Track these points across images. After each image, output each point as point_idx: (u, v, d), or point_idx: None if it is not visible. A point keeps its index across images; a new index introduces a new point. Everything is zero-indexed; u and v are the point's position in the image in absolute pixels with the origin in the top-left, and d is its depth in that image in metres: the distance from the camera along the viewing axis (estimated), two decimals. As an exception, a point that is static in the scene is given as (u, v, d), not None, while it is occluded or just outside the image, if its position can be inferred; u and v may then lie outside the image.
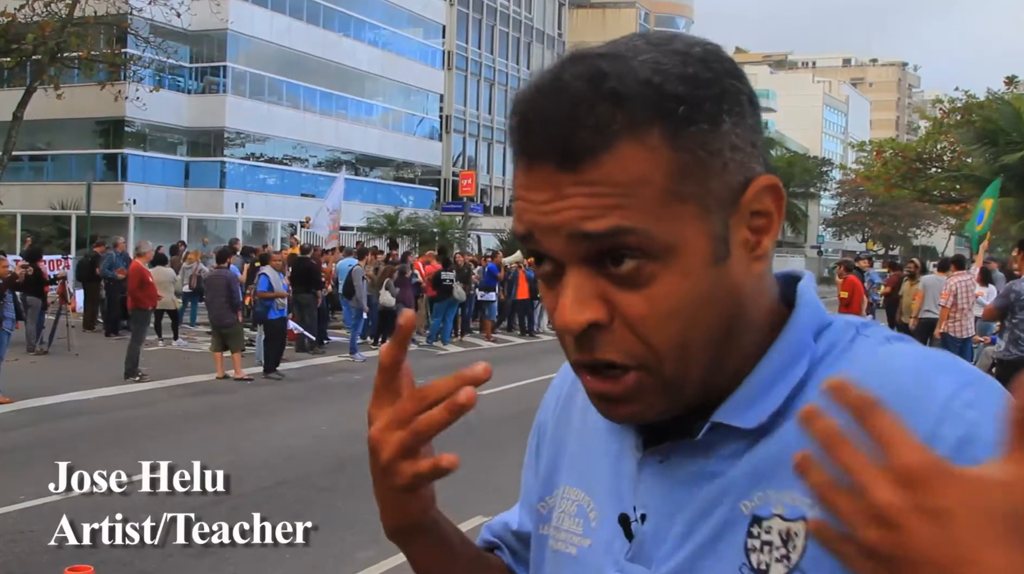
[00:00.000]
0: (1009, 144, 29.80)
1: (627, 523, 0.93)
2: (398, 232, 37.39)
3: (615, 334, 0.83)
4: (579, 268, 0.83)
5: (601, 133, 0.79)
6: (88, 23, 24.66)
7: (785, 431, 0.86)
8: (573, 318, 0.82)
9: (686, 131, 0.81)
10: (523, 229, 0.85)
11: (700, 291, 0.83)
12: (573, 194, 0.80)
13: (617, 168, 0.80)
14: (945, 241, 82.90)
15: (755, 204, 0.86)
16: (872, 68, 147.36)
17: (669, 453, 0.91)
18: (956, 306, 13.29)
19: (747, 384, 0.88)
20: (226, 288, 14.72)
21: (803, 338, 0.89)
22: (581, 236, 0.81)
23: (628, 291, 0.82)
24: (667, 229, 0.81)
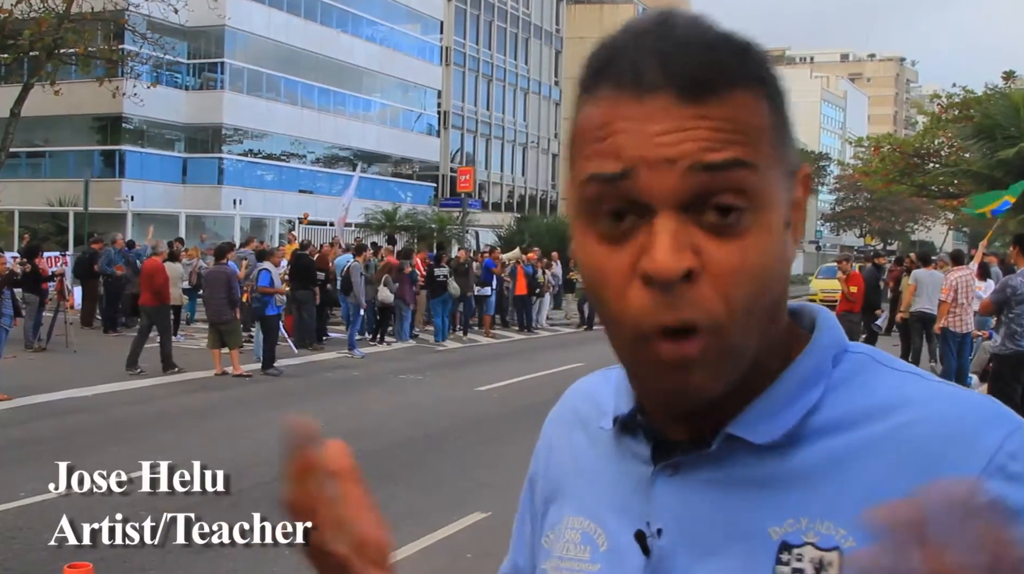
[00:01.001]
0: (1007, 139, 29.79)
1: (643, 539, 0.91)
2: (396, 228, 37.38)
3: (700, 291, 0.79)
4: (673, 214, 0.79)
5: (727, 73, 0.80)
6: (85, 19, 24.64)
7: (808, 456, 0.86)
8: (673, 264, 0.78)
9: (780, 98, 0.85)
10: (620, 165, 0.80)
11: (778, 253, 0.83)
12: (695, 126, 0.79)
13: (738, 110, 0.80)
14: (943, 236, 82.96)
15: (796, 191, 0.88)
16: (870, 63, 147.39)
17: (681, 465, 0.90)
18: (956, 301, 13.30)
19: (763, 400, 0.88)
20: (226, 284, 14.72)
21: (822, 362, 0.89)
22: (701, 167, 0.78)
23: (722, 242, 0.80)
24: (771, 177, 0.82)
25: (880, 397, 0.86)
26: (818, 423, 0.86)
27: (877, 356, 0.91)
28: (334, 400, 13.19)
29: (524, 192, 66.34)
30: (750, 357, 0.85)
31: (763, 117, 0.82)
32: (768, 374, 0.89)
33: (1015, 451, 0.79)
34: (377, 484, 8.61)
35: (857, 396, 0.87)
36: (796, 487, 0.85)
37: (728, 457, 0.88)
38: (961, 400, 0.85)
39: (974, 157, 33.46)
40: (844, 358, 0.90)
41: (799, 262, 76.13)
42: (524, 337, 23.26)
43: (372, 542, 0.97)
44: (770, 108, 0.83)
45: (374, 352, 18.58)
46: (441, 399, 13.35)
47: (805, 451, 0.85)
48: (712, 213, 0.79)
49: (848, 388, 0.88)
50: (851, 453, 0.84)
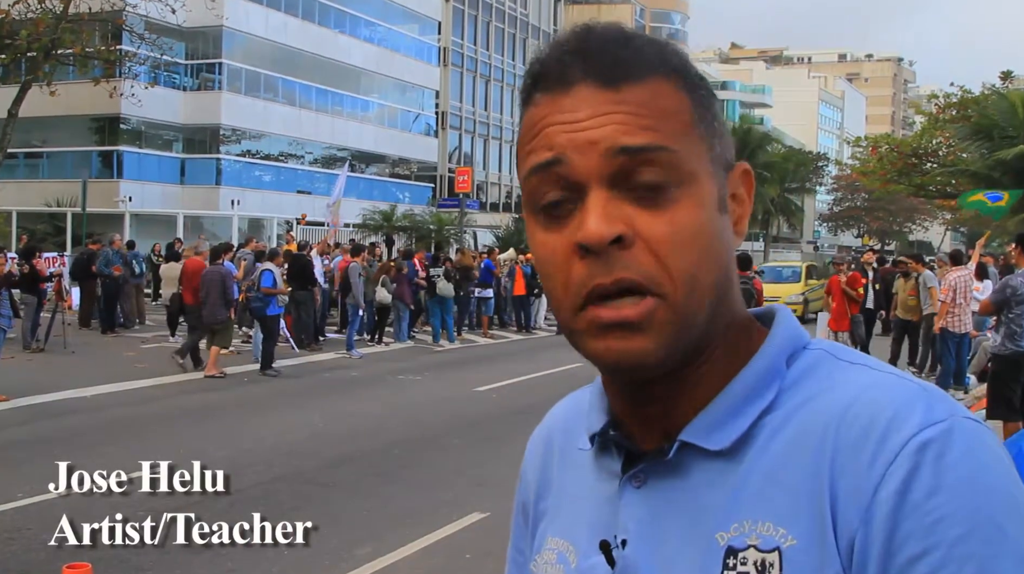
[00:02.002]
0: (1004, 139, 29.82)
1: (608, 549, 0.93)
2: (394, 229, 37.37)
3: (635, 256, 0.85)
4: (604, 190, 0.85)
5: (642, 62, 0.88)
6: (83, 20, 24.61)
7: (755, 458, 0.87)
8: (604, 228, 0.84)
9: (699, 90, 0.91)
10: (551, 153, 0.87)
11: (712, 228, 0.88)
12: (613, 111, 0.86)
13: (653, 96, 0.87)
14: (940, 236, 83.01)
15: (733, 186, 0.93)
16: (868, 63, 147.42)
17: (647, 477, 0.92)
18: (955, 301, 13.30)
19: (715, 405, 0.90)
20: (220, 285, 14.75)
21: (775, 363, 0.91)
22: (619, 150, 0.85)
23: (651, 213, 0.85)
24: (691, 158, 0.87)
25: (823, 391, 0.87)
26: (769, 424, 0.88)
27: (834, 351, 0.92)
28: (332, 400, 13.19)
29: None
30: (699, 330, 0.87)
31: (680, 103, 0.88)
32: (727, 374, 0.91)
33: (927, 441, 0.79)
34: (375, 484, 8.63)
35: (807, 394, 0.88)
36: (744, 490, 0.86)
37: (686, 464, 0.90)
38: (893, 387, 0.85)
39: (972, 157, 33.50)
40: (801, 355, 0.92)
41: (795, 259, 76.18)
42: (523, 337, 23.26)
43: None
44: (690, 97, 0.89)
45: (372, 352, 18.57)
46: (439, 399, 13.34)
47: (754, 454, 0.87)
48: (639, 187, 0.86)
49: (800, 387, 0.89)
50: (784, 449, 0.85)
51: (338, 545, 6.83)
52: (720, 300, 0.89)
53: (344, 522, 7.38)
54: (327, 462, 9.34)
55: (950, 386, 13.32)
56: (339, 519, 7.45)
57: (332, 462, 9.34)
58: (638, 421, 0.94)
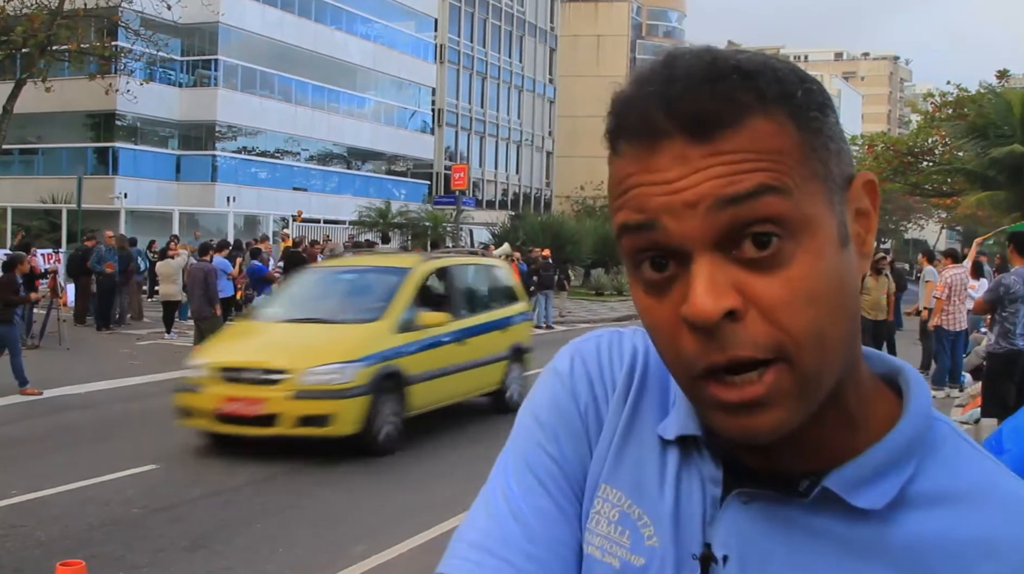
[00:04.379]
0: (1000, 137, 29.82)
1: (707, 561, 0.88)
2: (390, 226, 37.36)
3: (748, 327, 0.76)
4: (709, 255, 0.77)
5: (733, 105, 0.77)
6: (78, 16, 24.57)
7: (897, 529, 0.83)
8: (712, 305, 0.75)
9: (807, 114, 0.80)
10: (643, 216, 0.79)
11: (834, 275, 0.79)
12: (709, 165, 0.76)
13: (752, 139, 0.77)
14: (936, 234, 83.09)
15: (857, 201, 0.84)
16: (864, 62, 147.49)
17: (758, 499, 0.86)
18: (950, 299, 13.31)
19: (865, 459, 0.84)
20: (203, 281, 14.78)
21: (919, 431, 0.86)
22: (725, 202, 0.76)
23: (763, 275, 0.77)
24: (806, 199, 0.78)
25: (967, 480, 0.84)
26: (912, 496, 0.83)
27: (955, 427, 0.89)
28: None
29: (518, 190, 66.35)
30: (828, 388, 0.81)
31: (787, 138, 0.78)
32: (857, 423, 0.86)
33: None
34: (371, 482, 8.63)
35: (946, 472, 0.84)
36: (880, 560, 0.82)
37: (820, 508, 0.84)
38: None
39: (968, 156, 33.50)
40: (931, 427, 0.87)
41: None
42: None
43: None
44: (796, 127, 0.79)
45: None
46: (435, 397, 13.33)
47: (897, 524, 0.83)
48: (750, 247, 0.77)
49: (936, 461, 0.85)
50: (940, 537, 0.82)
51: (334, 542, 6.83)
52: (851, 348, 0.83)
53: (340, 519, 7.38)
54: (323, 459, 9.33)
55: (946, 384, 13.34)
56: (335, 517, 7.45)
57: (328, 459, 9.34)
58: (743, 448, 0.88)
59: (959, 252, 16.46)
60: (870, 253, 0.85)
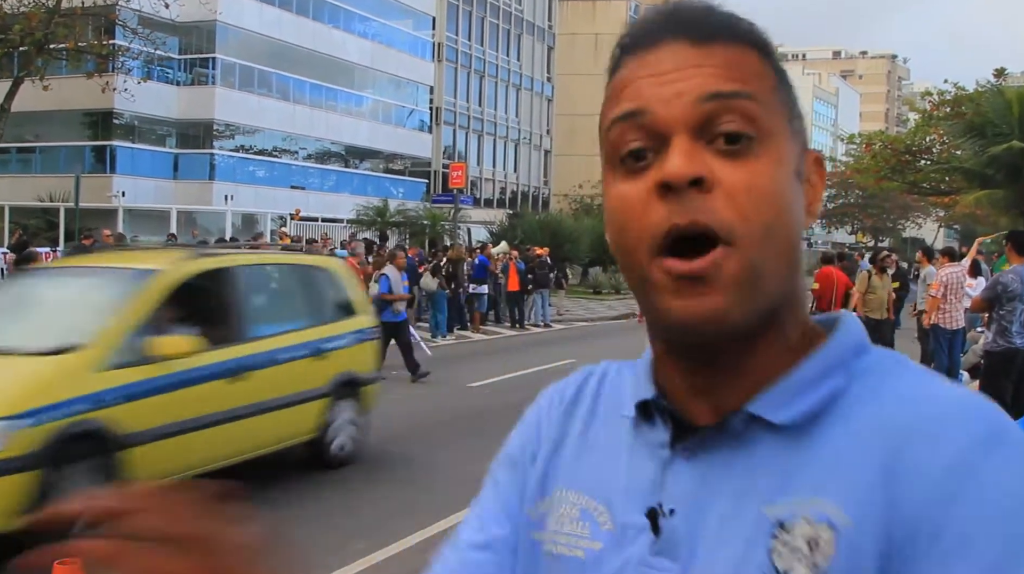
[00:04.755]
0: (998, 136, 29.80)
1: (655, 517, 0.93)
2: (388, 224, 37.38)
3: (712, 200, 0.85)
4: (687, 137, 0.86)
5: (731, 29, 0.91)
6: (76, 14, 24.58)
7: (818, 441, 0.87)
8: (687, 166, 0.85)
9: (782, 70, 0.95)
10: (635, 104, 0.89)
11: (788, 190, 0.89)
12: (702, 64, 0.88)
13: (740, 57, 0.90)
14: (934, 233, 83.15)
15: (808, 169, 0.95)
16: (862, 60, 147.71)
17: (698, 450, 0.92)
18: (946, 297, 13.31)
19: (785, 382, 0.90)
20: None
21: (845, 352, 0.92)
22: (710, 96, 0.87)
23: (732, 164, 0.86)
24: (775, 116, 0.90)
25: (897, 389, 0.88)
26: (836, 411, 0.88)
27: (900, 358, 0.93)
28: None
29: (516, 188, 66.36)
30: (771, 293, 0.88)
31: (766, 70, 0.91)
32: (790, 356, 0.92)
33: (993, 434, 0.81)
34: (369, 480, 8.63)
35: (878, 388, 0.88)
36: (801, 470, 0.86)
37: (745, 438, 0.90)
38: (955, 396, 0.86)
39: (966, 154, 33.50)
40: (867, 353, 0.93)
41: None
42: (516, 333, 23.26)
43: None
44: (774, 70, 0.93)
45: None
46: (433, 395, 13.35)
47: (817, 436, 0.87)
48: (722, 141, 0.87)
49: (871, 379, 0.89)
50: (853, 436, 0.85)
51: (332, 540, 6.83)
52: (790, 270, 0.90)
53: (339, 517, 7.39)
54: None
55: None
56: (334, 514, 7.46)
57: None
58: (692, 394, 0.94)
59: (956, 250, 16.46)
60: (815, 215, 0.95)
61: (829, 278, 15.86)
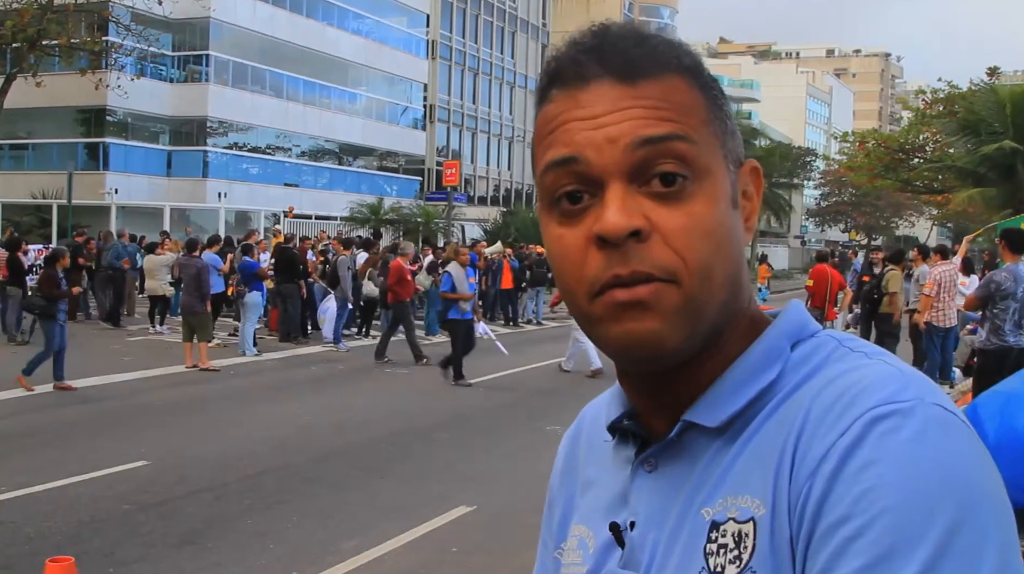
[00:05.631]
0: (991, 134, 29.86)
1: (617, 531, 0.96)
2: (381, 222, 37.32)
3: (650, 248, 0.86)
4: (623, 185, 0.87)
5: (657, 60, 0.90)
6: (68, 10, 24.53)
7: (748, 437, 0.89)
8: (623, 221, 0.85)
9: (711, 88, 0.93)
10: (569, 150, 0.88)
11: (726, 223, 0.90)
12: (632, 106, 0.87)
13: (668, 91, 0.89)
14: (927, 231, 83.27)
15: (743, 183, 0.95)
16: (855, 59, 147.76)
17: (658, 462, 0.95)
18: (939, 295, 13.34)
19: (718, 385, 0.92)
20: (196, 278, 14.71)
21: (778, 344, 0.93)
22: (642, 141, 0.86)
23: (668, 207, 0.87)
24: (707, 152, 0.89)
25: (825, 376, 0.87)
26: (768, 404, 0.89)
27: (841, 338, 0.93)
28: (318, 394, 13.17)
29: (510, 186, 66.33)
30: (710, 322, 0.89)
31: (695, 99, 0.90)
32: (731, 358, 0.93)
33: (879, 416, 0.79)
34: (361, 478, 8.62)
35: (810, 376, 0.89)
36: (732, 467, 0.88)
37: (689, 444, 0.92)
38: (874, 369, 0.85)
39: (958, 153, 33.56)
40: (807, 341, 0.93)
41: (783, 256, 76.36)
42: (509, 331, 23.25)
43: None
44: (702, 93, 0.91)
45: (359, 346, 18.55)
46: (426, 393, 13.34)
47: (749, 433, 0.89)
48: (657, 183, 0.87)
49: (801, 369, 0.90)
50: (774, 426, 0.87)
51: (324, 538, 6.82)
52: (732, 295, 0.91)
53: (330, 515, 7.38)
54: (313, 455, 9.32)
55: (936, 380, 13.36)
56: (325, 512, 7.45)
57: (318, 455, 9.33)
58: (652, 410, 0.97)
59: (949, 249, 16.50)
60: (752, 229, 0.95)
61: (823, 275, 16.03)
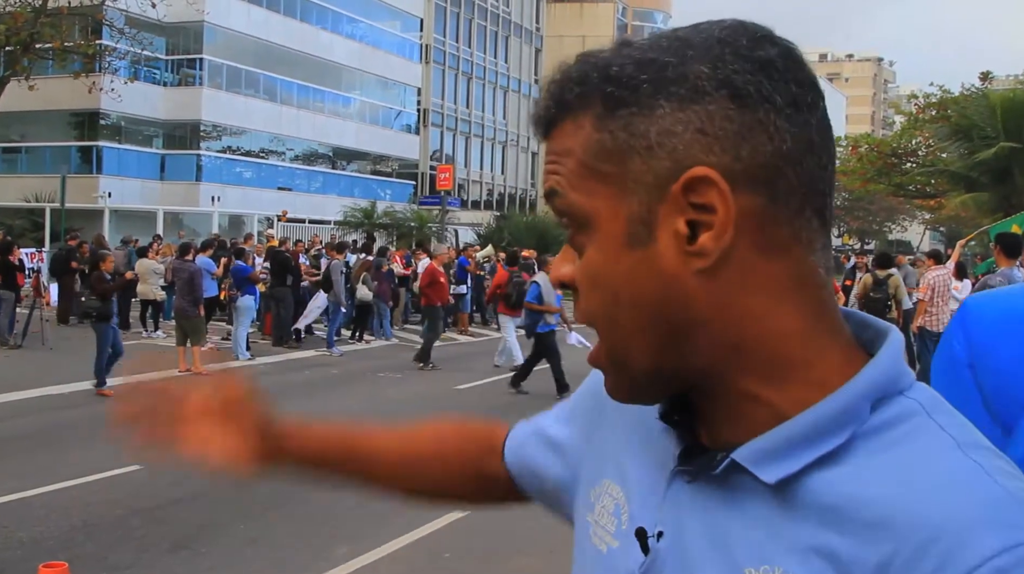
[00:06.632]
0: (984, 139, 29.96)
1: (643, 537, 0.92)
2: (375, 226, 37.32)
3: (579, 299, 0.90)
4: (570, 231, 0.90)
5: (558, 108, 0.88)
6: (62, 13, 24.50)
7: (809, 506, 0.81)
8: (555, 275, 0.92)
9: (615, 113, 0.84)
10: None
11: (617, 270, 0.84)
12: (545, 161, 0.91)
13: (560, 140, 0.88)
14: (920, 236, 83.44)
15: (693, 196, 0.81)
16: (848, 63, 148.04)
17: (698, 475, 0.88)
18: (933, 300, 13.37)
19: (776, 433, 0.83)
20: (188, 282, 14.69)
21: (856, 405, 0.82)
22: (546, 196, 0.90)
23: (579, 258, 0.89)
24: (582, 200, 0.86)
25: (898, 463, 0.79)
26: (830, 471, 0.81)
27: (930, 406, 0.83)
28: (312, 398, 13.14)
29: (503, 190, 66.36)
30: (645, 371, 0.87)
31: (579, 139, 0.86)
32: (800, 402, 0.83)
33: (1004, 568, 0.70)
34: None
35: (881, 452, 0.80)
36: (783, 534, 0.81)
37: (735, 483, 0.85)
38: (972, 491, 0.75)
39: (951, 157, 33.69)
40: (892, 403, 0.83)
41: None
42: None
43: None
44: (594, 127, 0.84)
45: (352, 350, 18.52)
46: (419, 398, 13.32)
47: (809, 501, 0.81)
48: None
49: (876, 441, 0.81)
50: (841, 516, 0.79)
51: (317, 544, 6.81)
52: (684, 336, 0.84)
53: (323, 521, 7.36)
54: (307, 460, 9.30)
55: (928, 384, 13.37)
56: (318, 518, 7.43)
57: (312, 460, 9.30)
58: (701, 419, 0.91)
59: (942, 253, 16.52)
60: (705, 252, 0.81)
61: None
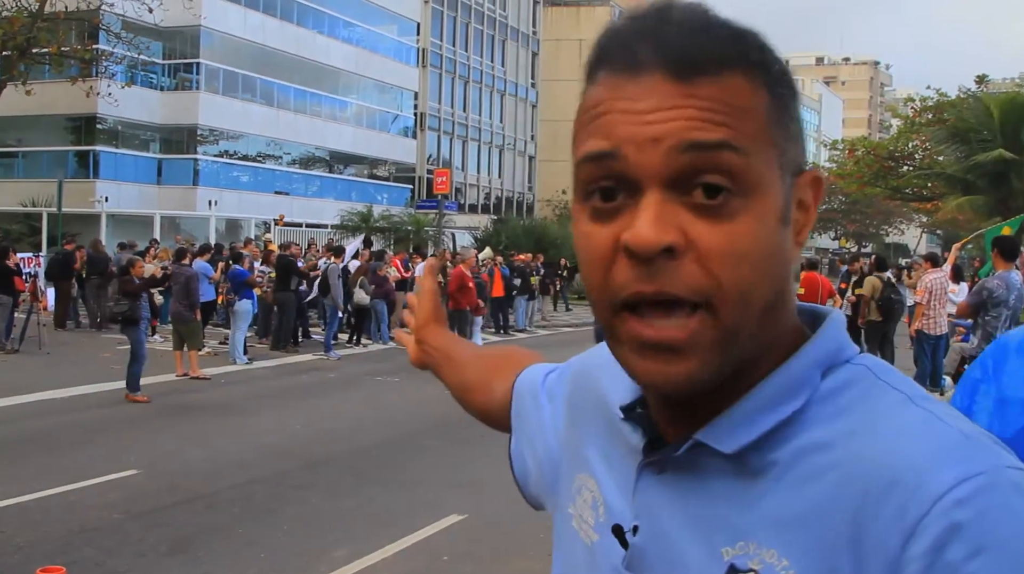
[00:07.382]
0: (980, 142, 30.02)
1: (620, 533, 0.92)
2: (372, 230, 37.28)
3: (683, 267, 0.79)
4: (661, 192, 0.79)
5: (719, 56, 0.80)
6: (59, 18, 24.48)
7: (777, 477, 0.82)
8: (655, 236, 0.78)
9: (779, 87, 0.84)
10: (608, 144, 0.81)
11: (772, 243, 0.82)
12: (684, 105, 0.79)
13: (728, 92, 0.80)
14: (917, 239, 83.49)
15: (800, 193, 0.87)
16: (845, 67, 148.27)
17: (666, 466, 0.89)
18: (930, 303, 13.39)
19: (736, 409, 0.84)
20: (185, 286, 14.69)
21: (807, 372, 0.85)
22: (687, 146, 0.78)
23: (707, 223, 0.79)
24: (760, 164, 0.81)
25: (856, 419, 0.81)
26: (791, 437, 0.83)
27: (876, 369, 0.86)
28: (310, 402, 13.14)
29: (501, 194, 66.32)
30: (746, 352, 0.83)
31: (757, 102, 0.81)
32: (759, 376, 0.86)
33: (964, 498, 0.73)
34: (353, 486, 8.59)
35: (837, 413, 0.83)
36: (757, 509, 0.82)
37: (702, 464, 0.86)
38: (929, 434, 0.78)
39: (948, 160, 33.75)
40: (840, 369, 0.86)
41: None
42: (500, 339, 23.23)
43: None
44: (768, 96, 0.82)
45: (350, 354, 18.52)
46: (417, 401, 13.31)
47: (777, 472, 0.82)
48: (699, 193, 0.79)
49: (831, 403, 0.84)
50: (806, 477, 0.81)
51: (315, 547, 6.80)
52: (774, 318, 0.84)
53: (321, 524, 7.36)
54: (304, 464, 9.30)
55: (926, 388, 13.38)
56: (316, 521, 7.42)
57: (309, 464, 9.31)
58: (667, 413, 0.91)
59: (939, 256, 16.52)
60: (804, 243, 0.87)
61: (814, 282, 16.06)
